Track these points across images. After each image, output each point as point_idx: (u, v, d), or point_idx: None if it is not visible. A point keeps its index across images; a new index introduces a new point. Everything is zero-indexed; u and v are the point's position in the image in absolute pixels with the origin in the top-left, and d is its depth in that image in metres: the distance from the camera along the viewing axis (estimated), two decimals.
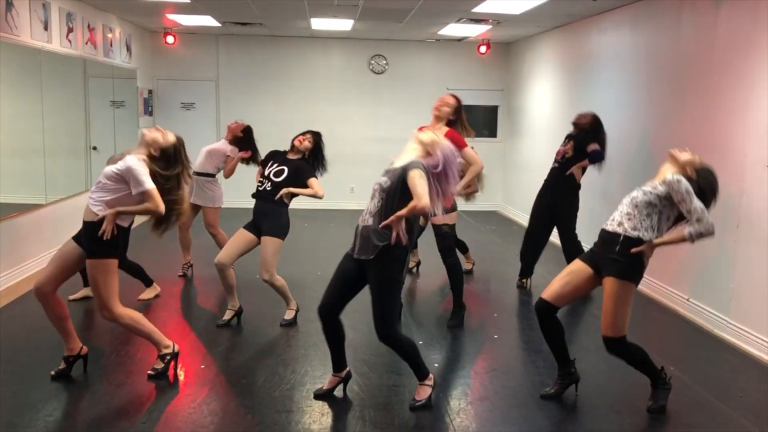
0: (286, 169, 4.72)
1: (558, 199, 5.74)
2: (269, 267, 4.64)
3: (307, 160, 4.82)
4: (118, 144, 8.11)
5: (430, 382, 3.57)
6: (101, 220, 3.50)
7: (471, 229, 8.83)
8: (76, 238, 3.70)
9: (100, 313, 3.73)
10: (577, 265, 3.56)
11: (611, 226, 3.43)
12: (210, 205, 5.88)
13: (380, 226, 3.25)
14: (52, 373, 3.79)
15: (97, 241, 3.52)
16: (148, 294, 5.36)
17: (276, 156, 4.87)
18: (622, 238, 3.35)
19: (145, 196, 3.52)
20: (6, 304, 5.19)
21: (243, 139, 5.85)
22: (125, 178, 3.53)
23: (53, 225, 6.49)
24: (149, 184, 3.51)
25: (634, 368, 3.57)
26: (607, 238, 3.43)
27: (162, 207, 3.54)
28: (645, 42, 6.18)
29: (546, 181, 5.87)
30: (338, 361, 3.65)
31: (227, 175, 5.89)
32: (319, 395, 3.62)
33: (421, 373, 3.55)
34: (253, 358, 4.24)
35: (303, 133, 4.86)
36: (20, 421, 3.30)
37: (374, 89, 10.51)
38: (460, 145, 4.63)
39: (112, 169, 3.58)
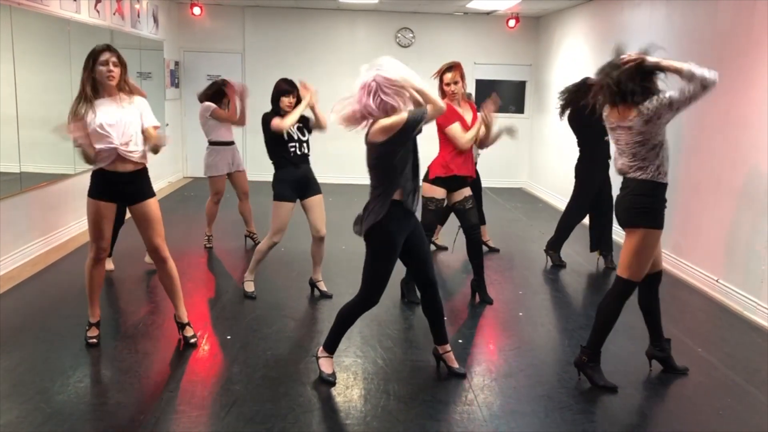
0: (302, 125, 4.68)
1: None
2: (325, 222, 4.78)
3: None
4: None
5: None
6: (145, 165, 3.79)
7: (496, 207, 8.77)
8: (101, 196, 3.73)
9: (157, 252, 3.82)
10: (659, 237, 3.47)
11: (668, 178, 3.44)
12: (244, 169, 6.14)
13: None
14: (95, 340, 3.87)
15: (150, 183, 3.82)
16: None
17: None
18: None
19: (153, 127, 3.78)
20: (37, 272, 5.28)
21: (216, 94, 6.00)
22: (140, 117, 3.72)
23: (82, 195, 6.51)
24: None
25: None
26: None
27: None
28: (680, 18, 6.01)
29: (598, 155, 5.58)
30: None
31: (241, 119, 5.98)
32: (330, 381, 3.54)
33: (446, 335, 3.70)
34: (279, 330, 4.27)
35: (284, 94, 4.57)
36: (51, 386, 3.37)
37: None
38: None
39: (136, 115, 3.69)
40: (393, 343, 4.08)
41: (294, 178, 4.63)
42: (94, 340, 3.87)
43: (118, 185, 3.70)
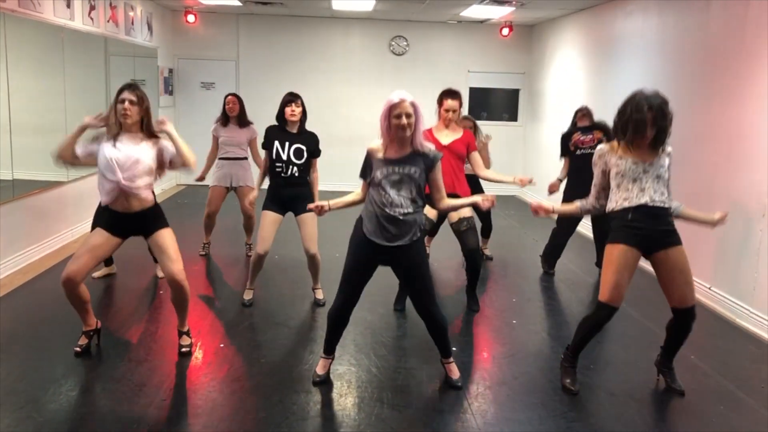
0: (303, 148, 4.60)
1: None
2: (315, 241, 4.74)
3: (309, 133, 4.69)
4: None
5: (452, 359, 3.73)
6: (155, 202, 3.82)
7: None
8: (110, 229, 3.70)
9: (175, 276, 3.71)
10: (625, 254, 3.46)
11: (657, 203, 3.42)
12: (252, 184, 6.08)
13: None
14: (77, 349, 3.83)
15: (162, 216, 3.83)
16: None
17: (280, 134, 4.64)
18: (669, 209, 3.47)
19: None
20: (29, 279, 5.25)
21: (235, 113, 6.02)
22: (161, 154, 3.73)
23: (75, 202, 6.55)
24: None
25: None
26: (657, 212, 3.44)
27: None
28: (672, 27, 6.06)
29: (579, 168, 5.53)
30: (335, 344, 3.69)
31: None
32: (320, 382, 3.60)
33: (450, 350, 3.68)
34: (272, 338, 4.26)
35: (287, 104, 4.61)
36: (43, 395, 3.35)
37: (394, 71, 10.43)
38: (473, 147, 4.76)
39: (151, 155, 3.67)
40: (387, 351, 4.08)
41: (278, 194, 4.66)
42: (78, 349, 3.83)
43: (123, 222, 3.71)
